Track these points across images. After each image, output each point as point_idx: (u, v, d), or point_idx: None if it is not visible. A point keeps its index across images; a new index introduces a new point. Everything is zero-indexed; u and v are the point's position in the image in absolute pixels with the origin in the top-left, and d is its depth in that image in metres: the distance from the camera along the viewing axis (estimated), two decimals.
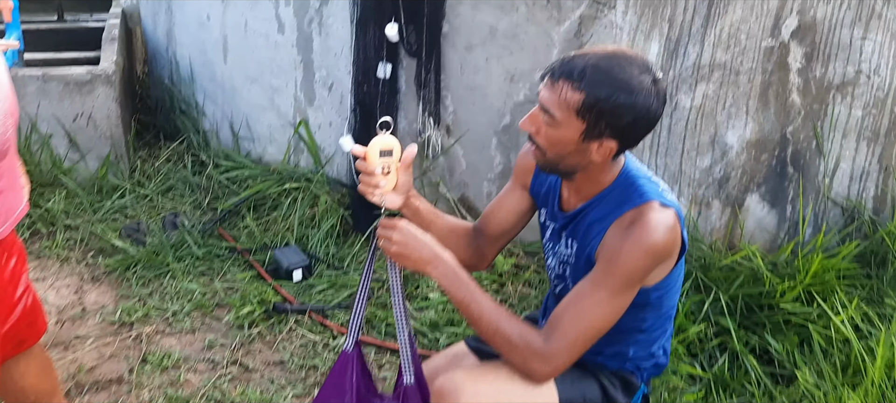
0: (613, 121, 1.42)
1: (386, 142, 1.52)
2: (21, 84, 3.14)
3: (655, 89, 1.43)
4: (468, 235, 1.75)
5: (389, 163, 1.52)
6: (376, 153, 1.51)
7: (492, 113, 2.98)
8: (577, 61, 1.42)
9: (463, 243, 1.73)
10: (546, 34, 2.79)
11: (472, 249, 1.75)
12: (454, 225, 1.73)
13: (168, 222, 3.18)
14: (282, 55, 3.35)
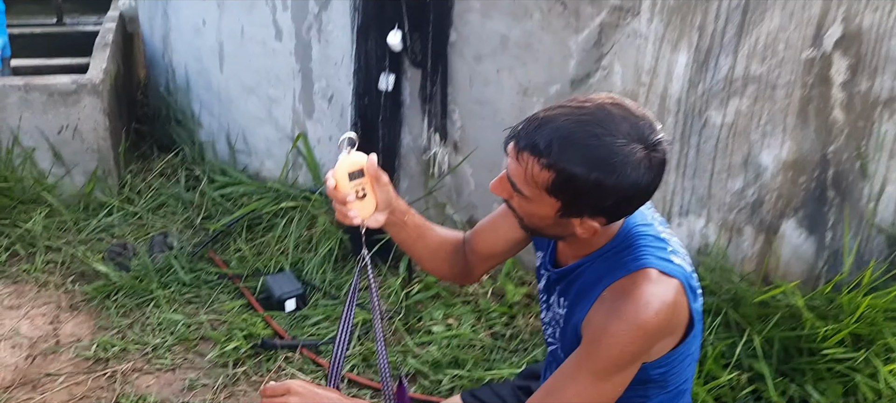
0: (593, 202, 1.20)
1: (354, 162, 1.38)
2: (2, 94, 2.94)
3: (648, 161, 1.17)
4: (458, 247, 1.59)
5: (362, 184, 1.39)
6: (346, 177, 1.37)
7: (503, 128, 2.73)
8: (544, 130, 1.19)
9: (451, 257, 1.58)
10: (562, 44, 2.55)
11: (460, 263, 1.59)
12: (444, 238, 1.58)
13: (157, 243, 2.97)
14: (279, 64, 3.14)
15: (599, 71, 2.55)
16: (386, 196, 1.41)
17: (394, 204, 1.44)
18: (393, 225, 1.47)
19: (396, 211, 1.46)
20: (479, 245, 1.58)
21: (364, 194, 1.38)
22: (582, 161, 1.15)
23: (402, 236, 1.50)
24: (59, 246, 2.90)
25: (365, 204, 1.39)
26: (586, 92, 2.59)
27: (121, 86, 3.71)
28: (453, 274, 1.60)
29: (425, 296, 2.72)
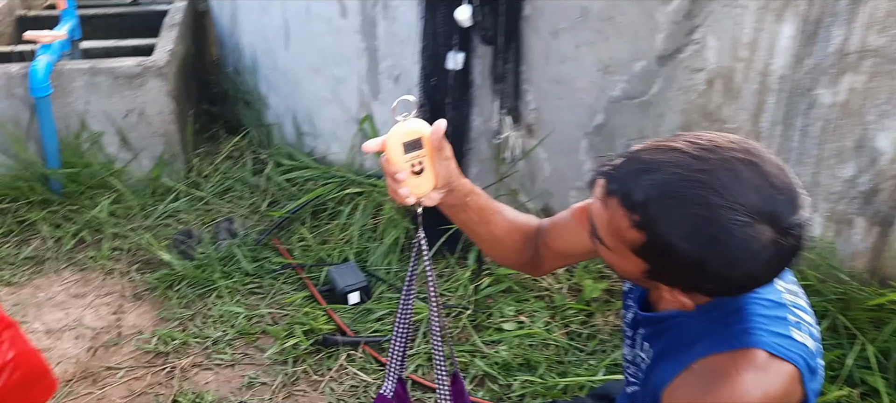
0: (689, 281, 0.95)
1: (410, 131, 1.15)
2: (68, 78, 2.91)
3: (775, 249, 0.89)
4: (529, 235, 1.37)
5: (420, 157, 1.15)
6: (400, 148, 1.14)
7: (581, 110, 2.51)
8: (644, 179, 0.92)
9: (519, 245, 1.36)
10: (649, 16, 2.30)
11: (529, 253, 1.38)
12: (513, 224, 1.35)
13: (222, 229, 2.90)
14: (345, 42, 2.99)
15: (690, 45, 2.29)
16: (446, 172, 1.19)
17: (455, 182, 1.22)
18: (452, 206, 1.26)
19: (457, 190, 1.23)
20: (553, 240, 1.37)
21: (421, 169, 1.16)
22: (685, 233, 0.89)
23: (462, 219, 1.29)
24: (125, 232, 2.87)
25: (421, 181, 1.17)
26: (677, 67, 2.34)
27: (190, 67, 3.66)
28: (520, 263, 1.39)
29: (496, 290, 2.54)
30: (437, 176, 1.17)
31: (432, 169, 1.17)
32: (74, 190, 2.96)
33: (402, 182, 1.15)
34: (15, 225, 2.83)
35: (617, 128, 2.50)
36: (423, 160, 1.15)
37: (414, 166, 1.15)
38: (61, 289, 2.59)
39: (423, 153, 1.15)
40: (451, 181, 1.20)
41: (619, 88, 2.43)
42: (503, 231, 1.32)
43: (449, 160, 1.19)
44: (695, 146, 0.92)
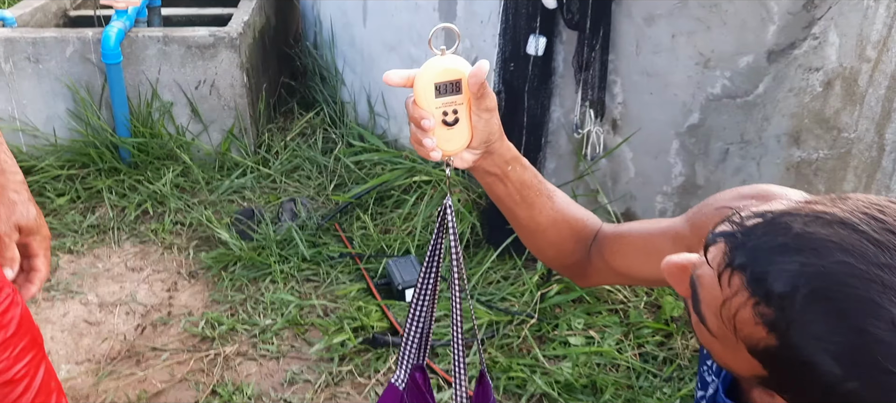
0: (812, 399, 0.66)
1: (447, 69, 0.91)
2: (141, 45, 2.86)
3: None
4: (582, 236, 1.12)
5: (455, 104, 0.92)
6: (430, 89, 0.90)
7: (674, 107, 2.24)
8: (790, 261, 0.62)
9: (569, 242, 1.11)
10: (761, 4, 2.00)
11: (576, 255, 1.12)
12: (563, 216, 1.09)
13: (286, 209, 2.80)
14: (422, 20, 2.81)
15: (808, 40, 1.98)
16: (486, 128, 0.94)
17: (495, 143, 0.97)
18: (488, 174, 1.01)
19: (497, 155, 0.98)
20: (614, 255, 1.10)
21: (455, 119, 0.92)
22: (837, 351, 0.61)
23: (499, 193, 1.04)
24: (190, 204, 2.81)
25: (454, 135, 0.93)
26: (789, 65, 2.03)
27: (270, 39, 3.58)
28: (564, 264, 1.14)
29: (564, 300, 2.32)
30: (473, 130, 0.94)
31: (469, 121, 0.93)
32: (142, 160, 2.92)
33: (429, 131, 0.92)
34: (83, 192, 2.82)
35: (714, 130, 2.22)
36: (459, 109, 0.92)
37: (446, 114, 0.91)
38: (120, 261, 2.55)
39: (461, 100, 0.91)
40: (490, 141, 0.96)
41: (720, 85, 2.14)
42: (549, 220, 1.07)
43: (491, 113, 0.94)
44: (876, 222, 0.63)
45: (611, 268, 1.11)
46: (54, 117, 2.92)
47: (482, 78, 0.90)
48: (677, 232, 1.03)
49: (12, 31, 2.86)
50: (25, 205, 1.10)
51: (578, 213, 1.12)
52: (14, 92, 2.87)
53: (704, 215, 0.98)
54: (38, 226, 1.12)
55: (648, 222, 1.08)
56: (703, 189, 2.31)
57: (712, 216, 0.96)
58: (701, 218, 0.99)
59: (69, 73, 2.86)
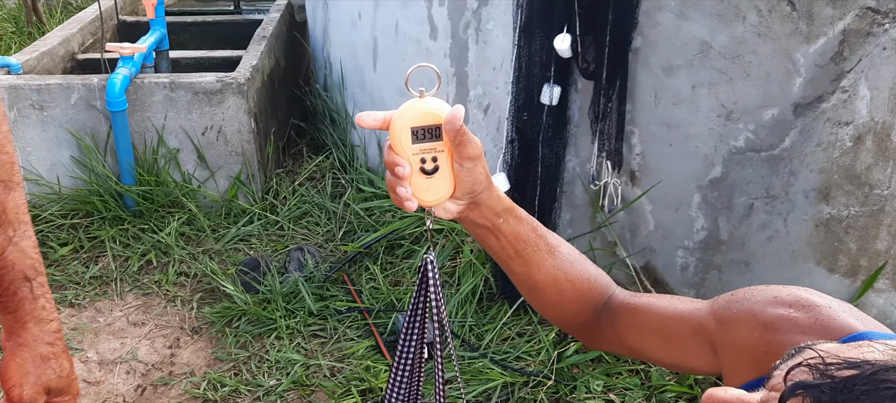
0: None
1: (425, 112, 0.83)
2: (148, 91, 2.82)
3: None
4: (589, 299, 1.01)
5: (434, 150, 0.84)
6: (406, 133, 0.83)
7: (696, 159, 2.15)
8: None
9: (573, 305, 1.00)
10: (787, 55, 1.91)
11: (585, 318, 1.02)
12: (568, 274, 0.98)
13: (293, 258, 2.72)
14: (433, 65, 2.74)
15: (837, 93, 1.89)
16: (469, 178, 0.86)
17: (481, 195, 0.89)
18: (476, 226, 0.92)
19: (484, 206, 0.90)
20: (629, 331, 1.00)
21: (435, 167, 0.84)
22: None
23: (491, 245, 0.95)
24: (195, 254, 2.74)
25: (433, 184, 0.85)
26: (817, 119, 1.94)
27: (279, 81, 3.53)
28: (566, 324, 1.04)
29: (583, 359, 2.22)
30: (455, 179, 0.86)
31: (450, 170, 0.85)
32: (147, 208, 2.86)
33: (404, 179, 0.84)
34: (86, 242, 2.76)
35: (738, 184, 2.13)
36: (438, 156, 0.84)
37: (424, 162, 0.84)
38: (122, 315, 2.48)
39: (441, 146, 0.83)
40: (475, 191, 0.88)
41: (743, 138, 2.05)
42: (548, 278, 0.97)
43: (474, 161, 0.85)
44: None
45: (622, 342, 1.02)
46: (58, 165, 2.86)
47: (458, 123, 0.82)
48: (700, 323, 0.94)
49: (17, 77, 2.82)
50: (59, 361, 0.98)
51: (584, 274, 1.01)
52: (18, 139, 2.82)
53: (733, 314, 0.89)
54: (69, 384, 1.00)
55: (667, 300, 0.99)
56: (727, 244, 2.21)
57: (744, 319, 0.87)
58: (729, 315, 0.90)
59: (74, 121, 2.81)
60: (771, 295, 0.86)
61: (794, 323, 0.81)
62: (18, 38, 4.89)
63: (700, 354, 0.95)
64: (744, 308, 0.87)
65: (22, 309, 0.96)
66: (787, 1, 1.86)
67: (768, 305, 0.84)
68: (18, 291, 0.95)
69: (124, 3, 4.00)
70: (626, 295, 1.02)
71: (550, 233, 0.99)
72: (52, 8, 5.77)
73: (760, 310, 0.85)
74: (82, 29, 3.50)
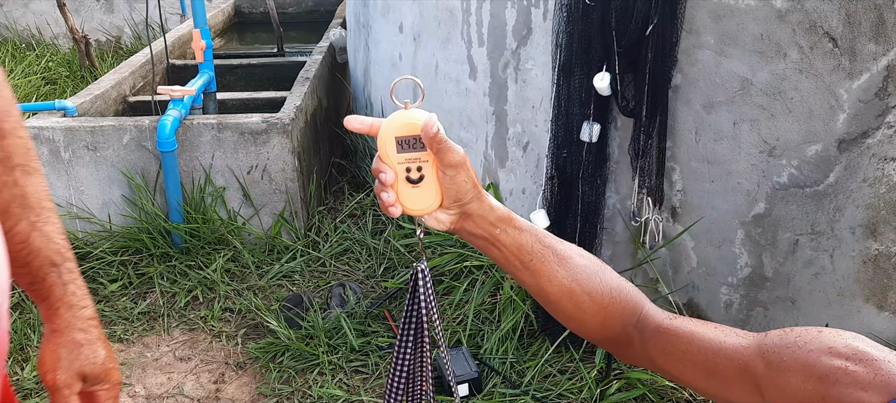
0: None
1: (408, 123, 0.85)
2: (196, 132, 2.91)
3: None
4: (613, 313, 0.96)
5: (419, 161, 0.86)
6: (391, 142, 0.86)
7: (738, 196, 2.14)
8: None
9: (596, 319, 0.96)
10: (829, 91, 1.91)
11: (613, 332, 0.97)
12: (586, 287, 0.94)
13: (335, 294, 2.76)
14: (472, 105, 2.79)
15: (882, 129, 1.88)
16: (453, 185, 0.87)
17: (471, 205, 0.89)
18: (472, 236, 0.92)
19: (476, 216, 0.90)
20: (668, 358, 0.95)
21: (420, 177, 0.87)
22: None
23: (494, 257, 0.94)
24: (240, 290, 2.79)
25: (419, 193, 0.87)
26: (862, 155, 1.92)
27: (321, 121, 3.61)
28: (592, 338, 1.00)
29: (626, 397, 2.20)
30: (441, 188, 0.88)
31: (436, 180, 0.87)
32: (194, 245, 2.93)
33: (386, 185, 0.87)
34: (135, 278, 2.83)
35: (782, 220, 2.11)
36: (423, 166, 0.86)
37: (409, 171, 0.87)
38: (169, 350, 2.53)
39: (426, 156, 0.86)
40: (462, 201, 0.88)
41: (787, 174, 2.04)
42: (561, 290, 0.94)
43: (456, 170, 0.86)
44: None
45: (656, 364, 0.97)
46: (110, 203, 2.96)
47: (431, 131, 0.84)
48: (747, 364, 0.89)
49: (73, 120, 2.94)
50: (93, 348, 0.96)
51: (604, 286, 0.96)
52: (72, 178, 2.92)
53: (784, 361, 0.85)
54: (107, 372, 0.98)
55: (711, 331, 0.93)
56: (772, 281, 2.18)
57: (796, 368, 0.83)
58: (779, 361, 0.85)
59: (125, 160, 2.91)
60: (826, 345, 0.83)
61: (853, 378, 0.78)
62: (72, 82, 5.09)
63: (744, 392, 0.92)
64: (796, 356, 0.84)
65: (52, 295, 0.95)
66: (828, 38, 1.86)
67: (823, 355, 0.82)
68: (47, 277, 0.94)
69: (173, 46, 4.15)
70: (664, 318, 0.97)
71: (562, 243, 0.96)
72: (104, 52, 5.99)
73: (815, 361, 0.82)
74: (133, 72, 3.63)
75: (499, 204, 0.93)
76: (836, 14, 1.84)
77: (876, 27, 1.80)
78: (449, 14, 2.79)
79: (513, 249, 0.92)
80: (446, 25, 2.82)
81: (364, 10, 3.63)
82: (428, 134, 0.85)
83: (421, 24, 3.01)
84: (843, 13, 1.83)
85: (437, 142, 0.85)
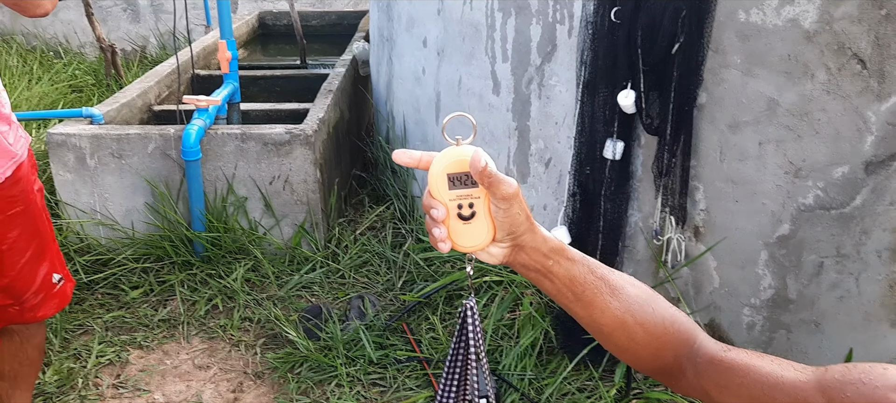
0: None
1: (458, 160, 0.85)
2: (220, 142, 2.93)
3: None
4: (665, 344, 0.95)
5: (471, 197, 0.86)
6: (443, 179, 0.86)
7: (763, 217, 2.12)
8: None
9: (649, 350, 0.96)
10: (857, 113, 1.89)
11: (665, 362, 0.96)
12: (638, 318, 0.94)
13: (353, 306, 2.76)
14: (495, 120, 2.79)
15: None
16: (506, 218, 0.87)
17: (523, 237, 0.89)
18: (525, 269, 0.92)
19: (528, 248, 0.90)
20: (722, 391, 0.92)
21: (472, 213, 0.87)
22: None
23: (547, 289, 0.94)
24: (259, 300, 2.80)
25: (471, 229, 0.87)
26: (890, 177, 1.90)
27: (343, 133, 3.63)
28: (643, 369, 0.98)
29: None
30: (494, 223, 0.87)
31: (488, 215, 0.87)
32: (215, 254, 2.95)
33: (438, 222, 0.87)
34: (156, 285, 2.85)
35: (807, 242, 2.09)
36: (475, 203, 0.86)
37: (461, 207, 0.86)
38: (188, 358, 2.54)
39: (478, 193, 0.86)
40: (516, 233, 0.88)
41: (812, 196, 2.02)
42: (614, 322, 0.93)
43: (509, 202, 0.86)
44: None
45: (713, 400, 0.95)
46: (133, 211, 2.99)
47: (479, 166, 0.84)
48: (806, 400, 0.84)
49: (99, 127, 2.97)
50: None
51: (657, 317, 0.95)
52: (97, 186, 2.96)
53: (847, 397, 0.80)
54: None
55: (768, 363, 0.90)
56: (796, 303, 2.16)
57: None
58: (841, 396, 0.82)
59: (150, 169, 2.94)
60: (892, 382, 0.79)
61: None
62: (98, 90, 5.15)
63: None
64: (861, 392, 0.81)
65: None
66: (857, 60, 1.85)
67: (891, 392, 0.78)
68: None
69: (198, 57, 4.19)
70: (718, 349, 0.94)
71: (614, 273, 0.96)
72: (130, 62, 6.07)
73: (882, 398, 0.78)
74: (159, 82, 3.67)
75: (551, 236, 0.92)
76: (865, 36, 1.83)
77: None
78: (473, 29, 2.80)
79: (566, 281, 0.92)
80: (470, 41, 2.83)
81: (388, 24, 3.66)
82: (476, 169, 0.84)
83: (445, 39, 3.02)
84: (872, 35, 1.82)
85: (486, 177, 0.85)
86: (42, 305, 1.83)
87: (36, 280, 1.80)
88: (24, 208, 1.74)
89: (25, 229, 1.76)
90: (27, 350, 1.89)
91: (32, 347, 1.90)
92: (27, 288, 1.79)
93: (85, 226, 2.99)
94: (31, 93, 4.79)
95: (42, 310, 1.83)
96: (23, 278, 1.77)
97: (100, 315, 2.72)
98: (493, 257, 0.91)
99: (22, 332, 1.87)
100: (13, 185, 1.70)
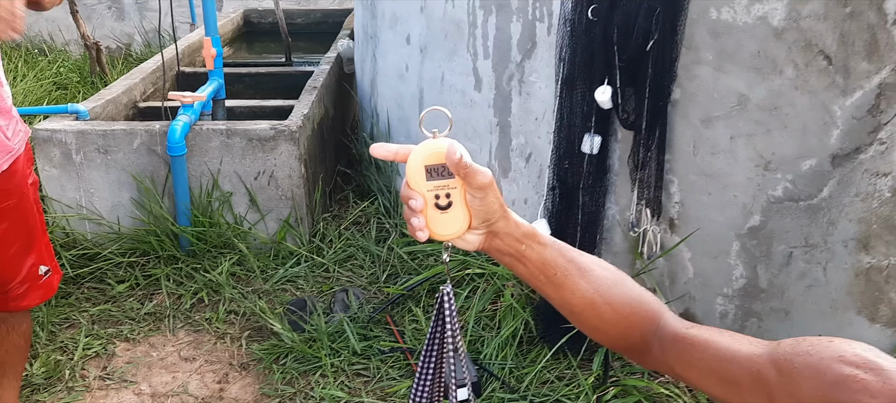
0: None
1: (437, 152, 0.89)
2: (205, 137, 2.96)
3: None
4: (633, 322, 1.01)
5: (447, 187, 0.90)
6: (421, 171, 0.89)
7: (734, 209, 2.19)
8: None
9: (617, 328, 1.01)
10: (823, 108, 1.96)
11: (632, 340, 1.02)
12: (607, 297, 0.99)
13: (338, 299, 2.81)
14: (477, 116, 2.85)
15: (874, 146, 1.93)
16: (482, 207, 0.91)
17: (498, 224, 0.94)
18: (500, 254, 0.97)
19: (502, 234, 0.95)
20: (685, 366, 0.98)
21: (448, 203, 0.90)
22: None
23: (520, 272, 0.99)
24: (245, 293, 2.84)
25: (448, 218, 0.91)
26: (855, 170, 1.98)
27: (328, 129, 3.67)
28: (613, 346, 1.04)
29: None
30: (469, 211, 0.91)
31: (464, 205, 0.91)
32: (200, 248, 2.98)
33: (416, 212, 0.91)
34: (142, 279, 2.88)
35: (776, 232, 2.16)
36: (452, 193, 0.90)
37: (438, 197, 0.90)
38: (174, 350, 2.58)
39: (454, 183, 0.90)
40: (490, 220, 0.93)
41: (781, 188, 2.09)
42: (584, 302, 0.98)
43: (483, 191, 0.90)
44: None
45: (677, 374, 1.01)
46: (119, 206, 3.02)
47: (455, 157, 0.88)
48: (759, 371, 0.91)
49: (85, 123, 3.00)
50: None
51: (625, 297, 1.01)
52: (83, 181, 2.98)
53: (796, 368, 0.88)
54: None
55: (726, 339, 0.96)
56: (766, 292, 2.23)
57: (808, 375, 0.85)
58: (791, 368, 0.88)
59: (135, 164, 2.97)
60: (837, 353, 0.85)
61: (863, 385, 0.81)
62: (82, 88, 5.16)
63: (757, 399, 0.95)
64: (808, 363, 0.86)
65: None
66: (823, 56, 1.92)
67: (834, 363, 0.84)
68: None
69: (183, 54, 4.22)
70: (681, 327, 1.00)
71: (583, 256, 1.00)
72: (115, 59, 6.07)
73: (826, 368, 0.84)
74: (144, 79, 3.69)
75: (523, 221, 0.96)
76: (831, 33, 1.89)
77: (869, 46, 1.85)
78: (455, 27, 2.85)
79: (538, 264, 0.96)
80: (453, 38, 2.88)
81: (372, 22, 3.70)
82: (451, 160, 0.88)
83: (428, 37, 3.07)
84: (837, 32, 1.89)
85: (462, 168, 0.88)
86: (26, 295, 1.86)
87: (21, 270, 1.84)
88: (17, 201, 1.78)
89: (15, 222, 1.79)
90: (13, 338, 1.92)
91: (18, 335, 1.93)
92: (12, 278, 1.82)
93: (71, 221, 3.01)
94: (15, 89, 4.79)
95: (26, 300, 1.87)
96: (8, 268, 1.81)
97: (86, 308, 2.75)
98: (470, 244, 0.95)
99: (7, 320, 1.90)
100: (8, 179, 1.74)
